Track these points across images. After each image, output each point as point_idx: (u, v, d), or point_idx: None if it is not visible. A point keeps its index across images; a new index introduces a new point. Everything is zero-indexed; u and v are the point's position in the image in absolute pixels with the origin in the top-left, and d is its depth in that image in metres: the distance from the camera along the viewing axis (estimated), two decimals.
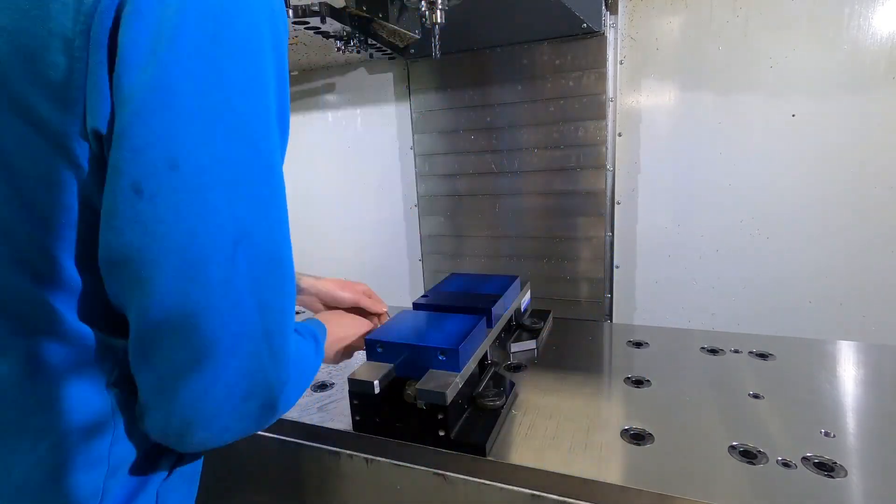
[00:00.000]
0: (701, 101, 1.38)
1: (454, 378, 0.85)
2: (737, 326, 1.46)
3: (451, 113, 1.60)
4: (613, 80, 1.43)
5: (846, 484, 0.75)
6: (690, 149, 1.42)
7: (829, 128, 1.28)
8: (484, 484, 0.84)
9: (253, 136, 0.49)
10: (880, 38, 1.21)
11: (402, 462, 0.90)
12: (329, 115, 1.87)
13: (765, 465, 0.79)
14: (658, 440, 0.87)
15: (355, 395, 0.92)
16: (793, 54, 1.28)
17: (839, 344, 1.22)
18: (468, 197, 1.64)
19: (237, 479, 1.06)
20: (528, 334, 1.29)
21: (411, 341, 0.91)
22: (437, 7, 1.06)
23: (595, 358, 1.25)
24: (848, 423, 0.90)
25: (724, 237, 1.43)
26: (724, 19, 1.32)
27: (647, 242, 1.52)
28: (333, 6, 1.11)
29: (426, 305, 1.16)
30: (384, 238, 1.89)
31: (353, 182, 1.89)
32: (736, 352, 1.19)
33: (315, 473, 0.98)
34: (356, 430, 0.94)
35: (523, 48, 1.46)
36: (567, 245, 1.54)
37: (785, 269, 1.39)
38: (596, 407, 0.99)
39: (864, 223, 1.30)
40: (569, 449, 0.86)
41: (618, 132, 1.47)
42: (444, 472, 0.86)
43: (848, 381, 1.05)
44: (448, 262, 1.72)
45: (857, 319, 1.35)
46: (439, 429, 0.86)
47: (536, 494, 0.80)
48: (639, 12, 1.39)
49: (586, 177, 1.47)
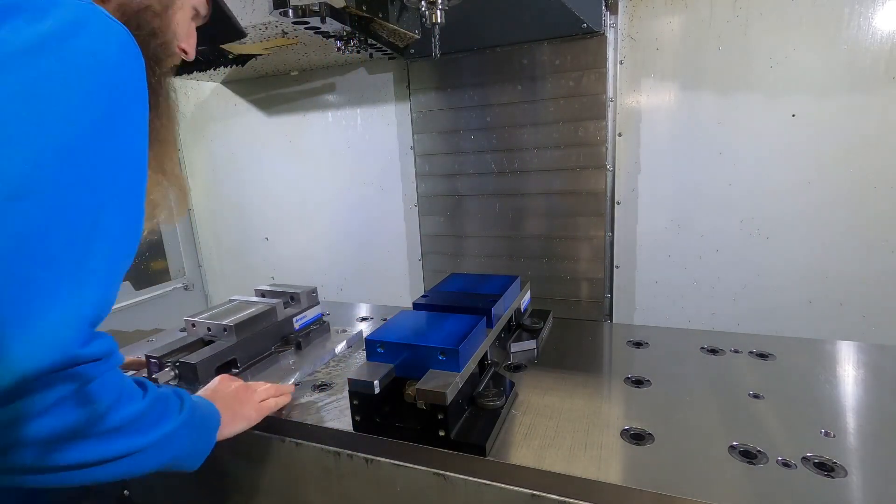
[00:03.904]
0: (701, 101, 1.38)
1: (454, 378, 0.85)
2: (737, 326, 1.46)
3: (451, 113, 1.60)
4: (613, 80, 1.43)
5: (846, 484, 0.75)
6: (690, 149, 1.42)
7: (829, 128, 1.28)
8: (484, 484, 0.84)
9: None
10: (880, 38, 1.21)
11: (402, 462, 0.89)
12: (329, 115, 1.87)
13: (765, 465, 0.79)
14: (658, 440, 0.87)
15: (355, 395, 0.92)
16: (793, 54, 1.28)
17: (839, 344, 1.22)
18: (468, 197, 1.64)
19: (237, 480, 1.06)
20: (528, 334, 1.29)
21: (411, 341, 0.92)
22: (437, 7, 1.06)
23: (595, 358, 1.24)
24: (848, 423, 0.90)
25: (724, 237, 1.43)
26: (724, 19, 1.32)
27: (648, 242, 1.52)
28: (333, 6, 1.11)
29: (426, 305, 1.16)
30: (384, 238, 1.89)
31: (353, 182, 1.89)
32: (736, 352, 1.19)
33: (315, 473, 0.98)
34: (356, 430, 0.93)
35: (523, 48, 1.46)
36: (567, 245, 1.54)
37: (785, 269, 1.39)
38: (596, 407, 0.99)
39: (864, 223, 1.30)
40: (569, 449, 0.86)
41: (618, 132, 1.47)
42: (444, 472, 0.86)
43: (848, 381, 1.05)
44: (448, 262, 1.72)
45: (857, 319, 1.35)
46: (439, 429, 0.86)
47: (536, 494, 0.80)
48: (639, 12, 1.39)
49: (586, 177, 1.47)
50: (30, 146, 0.50)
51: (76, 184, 0.53)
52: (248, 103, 2.00)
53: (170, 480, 1.13)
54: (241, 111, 2.02)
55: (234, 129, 2.05)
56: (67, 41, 0.54)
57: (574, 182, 1.49)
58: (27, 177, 0.50)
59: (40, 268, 0.50)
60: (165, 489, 1.15)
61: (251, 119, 2.00)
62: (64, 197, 0.52)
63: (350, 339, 1.35)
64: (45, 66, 0.52)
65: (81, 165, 0.53)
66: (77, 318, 0.53)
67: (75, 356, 0.52)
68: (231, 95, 2.01)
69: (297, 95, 1.90)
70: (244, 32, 0.98)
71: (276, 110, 1.95)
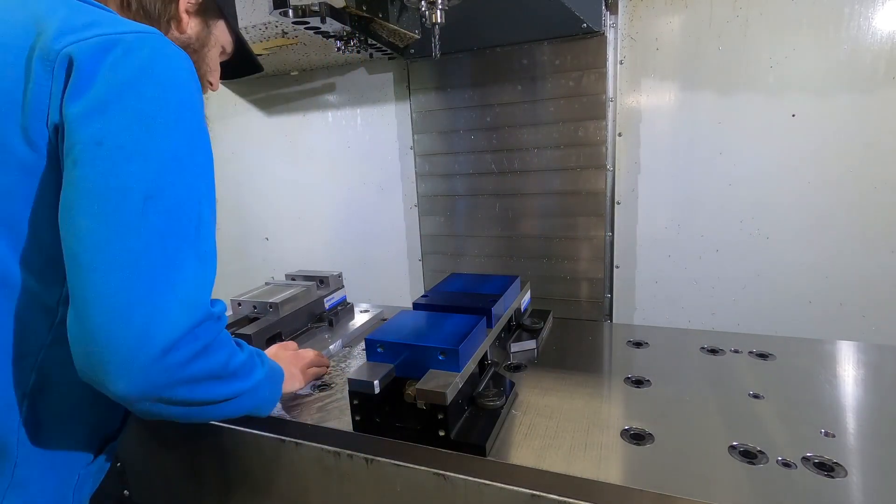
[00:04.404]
0: (701, 101, 1.38)
1: (454, 378, 0.85)
2: (737, 326, 1.46)
3: (451, 113, 1.60)
4: (613, 80, 1.43)
5: (846, 484, 0.75)
6: (690, 149, 1.42)
7: (829, 128, 1.28)
8: (484, 484, 0.84)
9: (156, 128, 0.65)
10: (880, 38, 1.21)
11: (402, 462, 0.89)
12: (329, 115, 1.87)
13: (765, 465, 0.79)
14: (658, 440, 0.87)
15: (355, 395, 0.92)
16: (793, 54, 1.28)
17: (839, 344, 1.22)
18: (468, 197, 1.64)
19: (237, 479, 1.06)
20: (528, 334, 1.29)
21: (411, 341, 0.92)
22: (437, 7, 1.06)
23: (595, 358, 1.24)
24: (848, 423, 0.90)
25: (724, 237, 1.43)
26: (724, 19, 1.32)
27: (647, 242, 1.51)
28: (333, 6, 1.11)
29: (426, 305, 1.16)
30: (384, 238, 1.89)
31: (353, 182, 1.89)
32: (736, 352, 1.19)
33: (315, 473, 0.98)
34: (356, 430, 0.93)
35: (523, 48, 1.46)
36: (567, 245, 1.54)
37: (785, 269, 1.39)
38: (596, 407, 0.99)
39: (864, 223, 1.30)
40: (569, 449, 0.86)
41: (618, 132, 1.47)
42: (444, 472, 0.86)
43: (848, 381, 1.05)
44: (448, 262, 1.72)
45: (857, 319, 1.35)
46: (439, 429, 0.86)
47: (536, 494, 0.80)
48: (639, 12, 1.39)
49: (586, 177, 1.47)
50: (154, 157, 0.63)
51: (185, 183, 0.66)
52: (248, 103, 2.00)
53: (170, 480, 1.13)
54: (241, 111, 2.02)
55: (234, 129, 2.05)
56: (158, 68, 0.66)
57: (574, 182, 1.49)
58: (155, 181, 0.63)
59: (177, 251, 0.63)
60: (165, 489, 1.15)
61: (251, 119, 2.00)
62: (181, 194, 0.65)
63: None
64: (149, 91, 0.64)
65: (186, 168, 0.66)
66: (205, 285, 0.67)
67: (208, 313, 0.66)
68: (231, 95, 2.01)
69: (297, 95, 1.90)
70: (261, 67, 1.07)
71: (276, 110, 1.95)
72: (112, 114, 0.62)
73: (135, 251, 0.60)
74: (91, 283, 0.59)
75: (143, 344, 0.59)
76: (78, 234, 0.60)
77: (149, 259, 0.61)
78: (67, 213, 0.61)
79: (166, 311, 0.61)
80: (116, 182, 0.61)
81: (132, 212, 0.61)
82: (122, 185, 0.61)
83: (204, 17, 0.88)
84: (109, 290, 0.59)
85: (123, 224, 0.60)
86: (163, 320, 0.61)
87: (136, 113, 0.63)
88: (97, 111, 0.61)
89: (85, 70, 0.62)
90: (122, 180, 0.61)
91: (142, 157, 0.62)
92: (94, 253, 0.59)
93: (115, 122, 0.62)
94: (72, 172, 0.61)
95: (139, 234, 0.61)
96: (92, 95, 0.62)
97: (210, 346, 0.67)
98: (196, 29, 0.87)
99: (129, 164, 0.61)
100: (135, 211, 0.61)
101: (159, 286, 0.61)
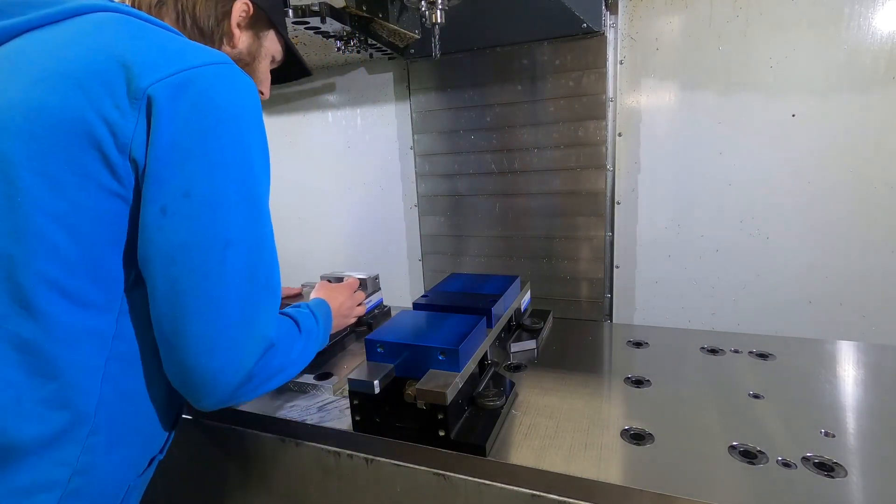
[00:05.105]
0: (701, 101, 1.38)
1: (454, 378, 0.85)
2: (737, 326, 1.46)
3: (451, 113, 1.60)
4: (613, 80, 1.43)
5: (846, 484, 0.75)
6: (690, 149, 1.41)
7: (829, 128, 1.28)
8: (484, 484, 0.84)
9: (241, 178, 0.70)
10: (880, 38, 1.21)
11: (402, 462, 0.90)
12: (329, 114, 1.87)
13: (765, 465, 0.79)
14: (658, 440, 0.87)
15: (355, 395, 0.92)
16: (793, 54, 1.28)
17: (839, 344, 1.22)
18: (468, 197, 1.64)
19: (237, 479, 1.06)
20: (528, 334, 1.29)
21: (411, 341, 0.92)
22: (437, 7, 1.06)
23: (595, 358, 1.25)
24: (848, 423, 0.90)
25: (724, 237, 1.43)
26: (724, 19, 1.32)
27: (647, 242, 1.51)
28: (333, 6, 1.11)
29: (426, 305, 1.16)
30: (384, 238, 1.89)
31: (353, 182, 1.89)
32: (736, 352, 1.19)
33: (315, 473, 0.98)
34: (356, 430, 0.94)
35: (523, 48, 1.46)
36: (567, 245, 1.54)
37: (785, 269, 1.39)
38: (596, 407, 0.99)
39: (864, 223, 1.30)
40: (569, 449, 0.86)
41: (618, 132, 1.47)
42: (444, 472, 0.86)
43: (848, 381, 1.05)
44: (448, 262, 1.72)
45: (857, 319, 1.35)
46: (439, 429, 0.86)
47: (536, 494, 0.80)
48: (639, 12, 1.39)
49: (586, 177, 1.47)
50: (234, 205, 0.68)
51: (258, 222, 0.72)
52: None
53: (170, 480, 1.13)
54: None
55: None
56: (233, 108, 0.69)
57: (574, 182, 1.49)
58: (235, 228, 0.68)
59: (250, 292, 0.70)
60: (165, 489, 1.15)
61: None
62: (256, 234, 0.71)
63: None
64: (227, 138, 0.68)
65: (258, 206, 0.72)
66: (274, 311, 0.74)
67: (274, 339, 0.73)
68: None
69: (296, 95, 1.90)
70: (311, 71, 1.06)
71: (275, 110, 1.95)
72: (195, 164, 0.65)
73: (217, 299, 0.67)
74: (182, 325, 0.66)
75: (226, 375, 0.68)
76: (169, 278, 0.66)
77: (228, 304, 0.68)
78: (159, 258, 0.66)
79: (244, 346, 0.69)
80: (203, 233, 0.66)
81: (215, 260, 0.67)
82: (207, 236, 0.66)
83: (254, 30, 0.89)
84: (198, 330, 0.66)
85: (206, 274, 0.66)
86: (242, 354, 0.69)
87: (217, 162, 0.67)
88: (181, 159, 0.65)
89: (165, 112, 0.64)
90: (208, 230, 0.66)
91: (224, 208, 0.67)
92: (185, 297, 0.66)
93: (199, 174, 0.66)
94: (160, 220, 0.65)
95: (222, 281, 0.67)
96: (174, 140, 0.64)
97: (278, 360, 0.75)
98: (247, 42, 0.88)
99: (213, 214, 0.66)
100: (217, 259, 0.67)
101: (236, 327, 0.68)
